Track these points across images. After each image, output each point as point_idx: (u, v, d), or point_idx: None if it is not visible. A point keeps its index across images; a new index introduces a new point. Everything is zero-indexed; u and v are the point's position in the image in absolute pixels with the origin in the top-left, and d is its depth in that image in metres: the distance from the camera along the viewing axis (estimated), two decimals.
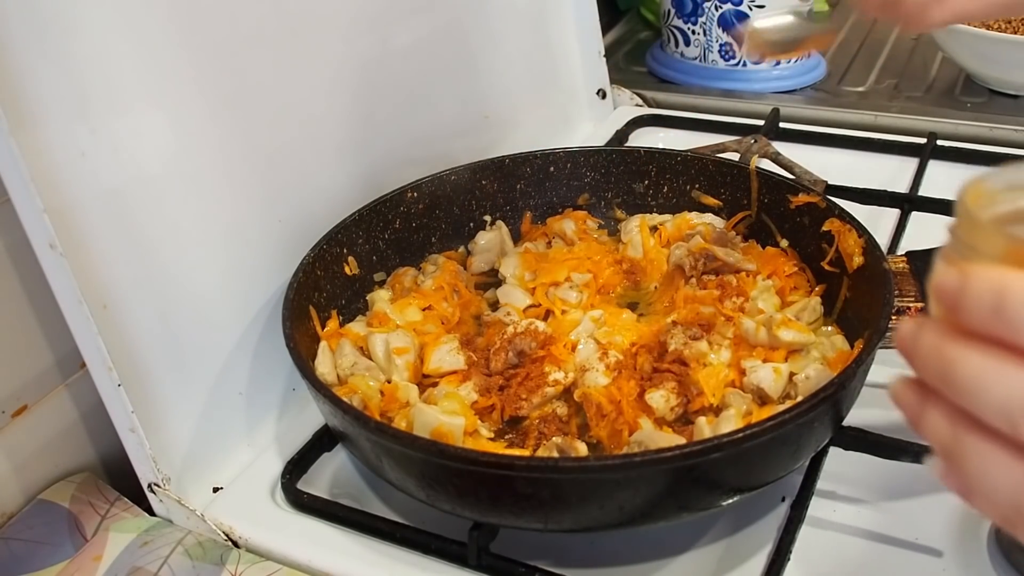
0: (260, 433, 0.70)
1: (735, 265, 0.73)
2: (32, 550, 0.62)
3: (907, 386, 0.34)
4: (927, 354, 0.32)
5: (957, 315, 0.31)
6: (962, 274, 0.31)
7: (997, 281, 0.30)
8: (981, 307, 0.30)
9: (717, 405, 0.62)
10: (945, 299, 0.32)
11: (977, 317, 0.31)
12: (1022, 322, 0.29)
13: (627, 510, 0.53)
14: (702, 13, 1.18)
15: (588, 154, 0.85)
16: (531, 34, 1.03)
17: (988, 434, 0.31)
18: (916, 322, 0.33)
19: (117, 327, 0.58)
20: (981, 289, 0.30)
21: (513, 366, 0.67)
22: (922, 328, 0.33)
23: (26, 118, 0.53)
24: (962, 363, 0.31)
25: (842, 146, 1.03)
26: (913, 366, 0.33)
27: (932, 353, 0.32)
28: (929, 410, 0.33)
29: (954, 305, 0.31)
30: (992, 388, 0.30)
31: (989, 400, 0.30)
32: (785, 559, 0.56)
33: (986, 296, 0.30)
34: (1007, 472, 0.31)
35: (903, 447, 0.59)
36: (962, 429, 0.32)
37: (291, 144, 0.72)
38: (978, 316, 0.31)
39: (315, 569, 0.60)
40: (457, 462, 0.53)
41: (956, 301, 0.31)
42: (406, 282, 0.77)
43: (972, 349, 0.31)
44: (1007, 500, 0.31)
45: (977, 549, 0.58)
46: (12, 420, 0.66)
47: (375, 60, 0.80)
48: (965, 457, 0.32)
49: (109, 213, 0.58)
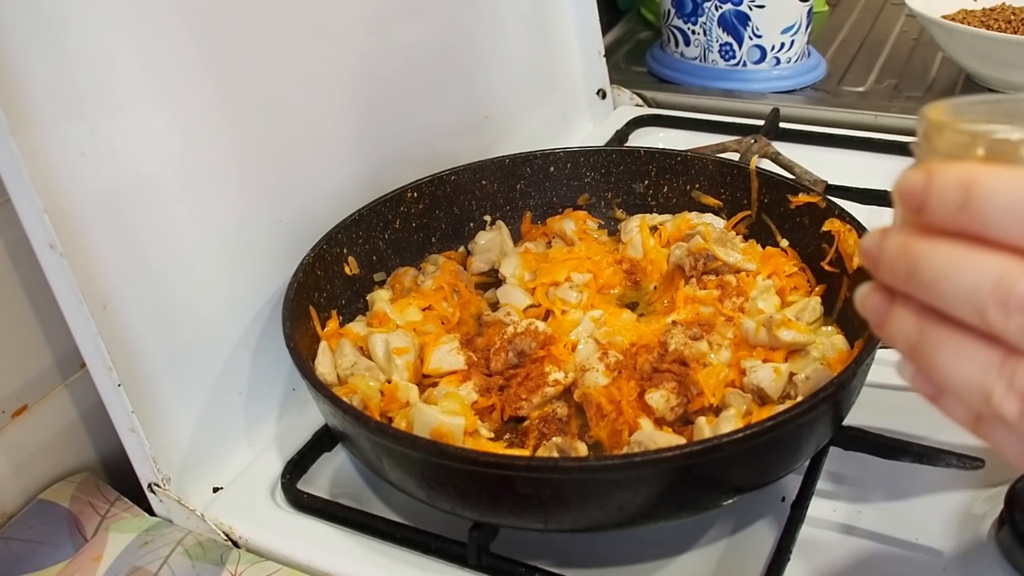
0: (260, 433, 0.70)
1: (735, 265, 0.73)
2: (32, 550, 0.62)
3: (872, 291, 0.34)
4: (893, 255, 0.32)
5: (923, 214, 0.31)
6: (927, 173, 0.31)
7: (963, 175, 0.30)
8: (947, 202, 0.30)
9: (717, 405, 0.62)
10: (910, 200, 0.32)
11: (943, 212, 0.31)
12: (989, 212, 0.29)
13: (627, 510, 0.53)
14: (702, 13, 1.18)
15: (588, 154, 0.85)
16: (531, 34, 1.03)
17: (955, 326, 0.31)
18: (880, 229, 0.34)
19: (117, 327, 0.58)
20: (947, 184, 0.30)
21: (513, 366, 0.67)
22: (887, 233, 0.33)
23: (26, 118, 0.53)
24: (929, 257, 0.31)
25: (842, 146, 1.03)
26: (878, 271, 0.33)
27: (898, 252, 0.32)
28: (895, 311, 0.33)
29: (920, 204, 0.31)
30: (959, 277, 0.30)
31: (956, 290, 0.30)
32: (785, 559, 0.56)
33: (952, 190, 0.30)
34: (974, 361, 0.31)
35: (903, 447, 0.59)
36: (929, 325, 0.32)
37: (291, 144, 0.72)
38: (944, 211, 0.31)
39: (315, 569, 0.60)
40: (457, 462, 0.53)
41: (922, 200, 0.31)
42: (406, 282, 0.77)
43: (939, 243, 0.31)
44: (975, 391, 0.31)
45: (977, 549, 0.58)
46: (12, 420, 0.66)
47: (375, 60, 0.80)
48: (932, 352, 0.32)
49: (109, 213, 0.58)
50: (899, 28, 1.36)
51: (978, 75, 1.16)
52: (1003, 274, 0.29)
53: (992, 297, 0.29)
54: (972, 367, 0.31)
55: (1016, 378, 0.30)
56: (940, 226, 0.31)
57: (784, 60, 1.19)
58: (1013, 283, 0.29)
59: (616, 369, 0.65)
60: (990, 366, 0.30)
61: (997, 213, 0.29)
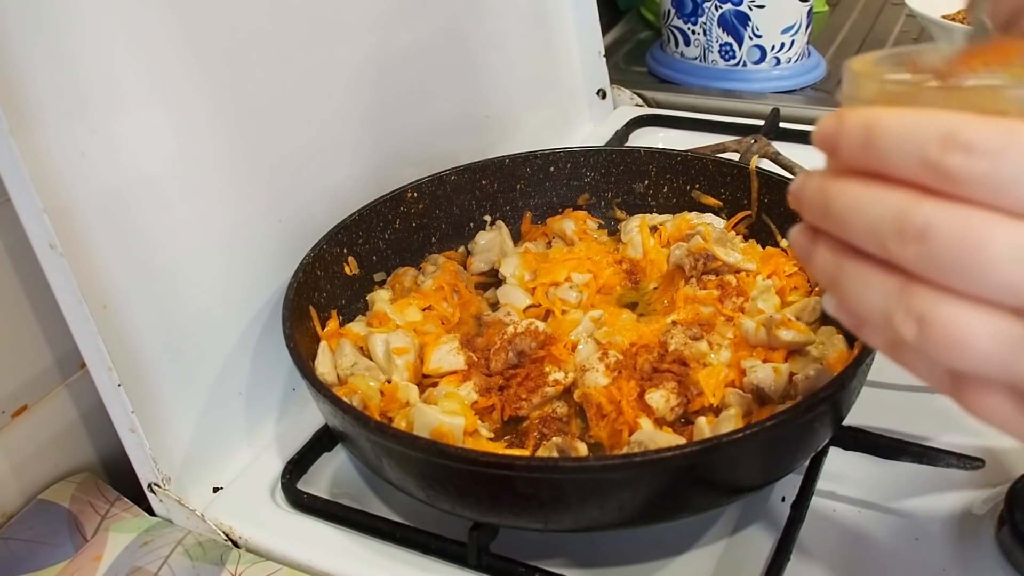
0: (260, 433, 0.70)
1: (735, 265, 0.73)
2: (32, 550, 0.62)
3: (800, 232, 0.37)
4: (811, 196, 0.35)
5: (835, 157, 0.34)
6: (837, 116, 0.34)
7: (866, 117, 0.33)
8: (853, 143, 0.33)
9: (717, 405, 0.62)
10: (824, 143, 0.34)
11: (850, 153, 0.33)
12: (887, 150, 0.32)
13: (627, 510, 0.53)
14: (702, 13, 1.18)
15: (588, 154, 0.85)
16: (531, 34, 1.03)
17: (864, 259, 0.34)
18: (805, 172, 0.36)
19: (117, 327, 0.58)
20: (853, 126, 0.33)
21: (513, 366, 0.67)
22: (808, 176, 0.36)
23: (26, 118, 0.53)
24: (839, 195, 0.34)
25: None
26: (801, 211, 0.36)
27: (815, 192, 0.35)
28: (816, 248, 0.36)
29: (832, 147, 0.34)
30: (863, 211, 0.33)
31: (861, 223, 0.33)
32: (785, 559, 0.56)
33: (856, 131, 0.33)
34: (878, 289, 0.33)
35: (903, 447, 0.59)
36: (843, 259, 0.35)
37: (291, 144, 0.72)
38: (851, 152, 0.33)
39: (315, 569, 0.60)
40: (457, 462, 0.53)
41: (833, 142, 0.34)
42: (406, 282, 0.77)
43: (848, 182, 0.34)
44: (881, 315, 0.33)
45: (977, 549, 0.58)
46: (12, 420, 0.66)
47: (375, 61, 0.80)
48: (845, 283, 0.35)
49: (109, 213, 0.58)
50: (899, 28, 1.36)
51: None
52: (899, 206, 0.31)
53: (891, 227, 0.32)
54: (877, 295, 0.33)
55: (912, 303, 0.32)
56: (849, 166, 0.34)
57: (784, 60, 1.19)
58: (907, 213, 0.31)
59: (616, 369, 0.65)
60: (891, 293, 0.33)
61: (893, 150, 0.32)
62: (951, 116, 0.31)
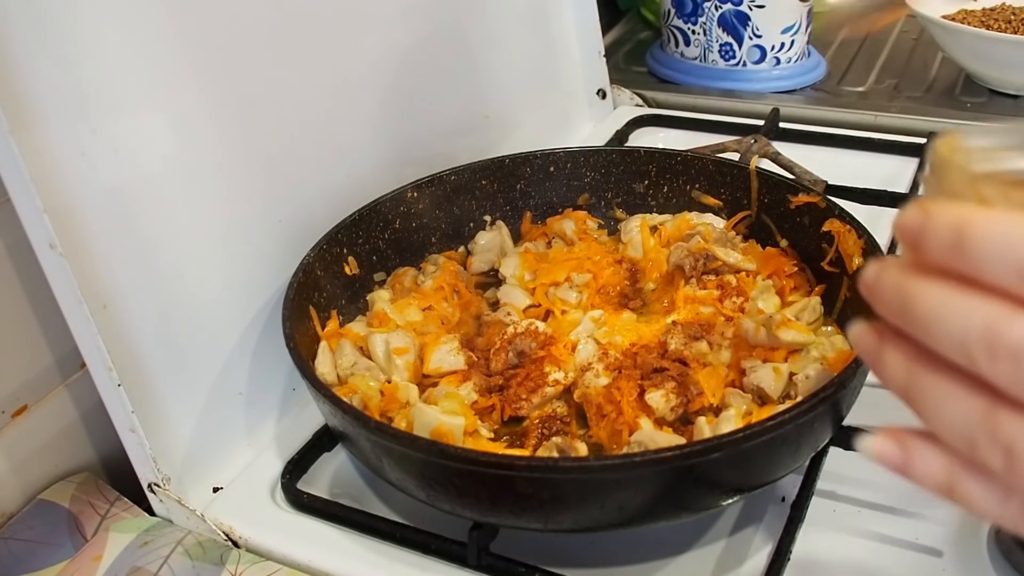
0: (260, 433, 0.70)
1: (735, 265, 0.73)
2: (32, 550, 0.62)
3: (867, 330, 0.35)
4: (889, 291, 0.33)
5: (919, 252, 0.32)
6: (924, 211, 0.31)
7: (958, 216, 0.30)
8: (941, 242, 0.30)
9: (717, 405, 0.62)
10: (907, 237, 0.32)
11: (937, 252, 0.31)
12: (980, 255, 0.29)
13: (627, 510, 0.53)
14: (702, 13, 1.18)
15: (588, 154, 0.85)
16: (531, 34, 1.03)
17: (944, 370, 0.31)
18: (880, 262, 0.34)
19: (117, 327, 0.58)
20: (942, 224, 0.31)
21: (513, 366, 0.67)
22: (885, 267, 0.33)
23: (26, 118, 0.53)
24: (921, 296, 0.31)
25: (842, 146, 1.03)
26: (875, 304, 0.34)
27: (893, 289, 0.32)
28: (887, 352, 0.34)
29: (916, 242, 0.31)
30: (949, 320, 0.30)
31: (946, 332, 0.30)
32: (785, 559, 0.56)
33: (946, 231, 0.30)
34: (961, 406, 0.31)
35: None
36: (918, 367, 0.32)
37: (291, 144, 0.72)
38: (938, 251, 0.31)
39: (315, 569, 0.60)
40: (457, 462, 0.53)
41: (918, 238, 0.31)
42: (406, 282, 0.77)
43: (932, 283, 0.31)
44: (961, 434, 0.31)
45: (977, 549, 0.58)
46: (12, 420, 0.66)
47: (376, 61, 0.80)
48: (921, 395, 0.32)
49: (109, 213, 0.58)
50: (899, 28, 1.36)
51: (978, 75, 1.16)
52: (991, 319, 0.29)
53: (980, 340, 0.29)
54: (959, 412, 0.31)
55: (1000, 429, 0.30)
56: (934, 266, 0.31)
57: (784, 60, 1.19)
58: (1000, 329, 0.29)
59: (616, 369, 0.65)
60: (975, 414, 0.30)
61: (988, 257, 0.29)
62: None
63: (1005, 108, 1.11)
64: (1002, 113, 1.09)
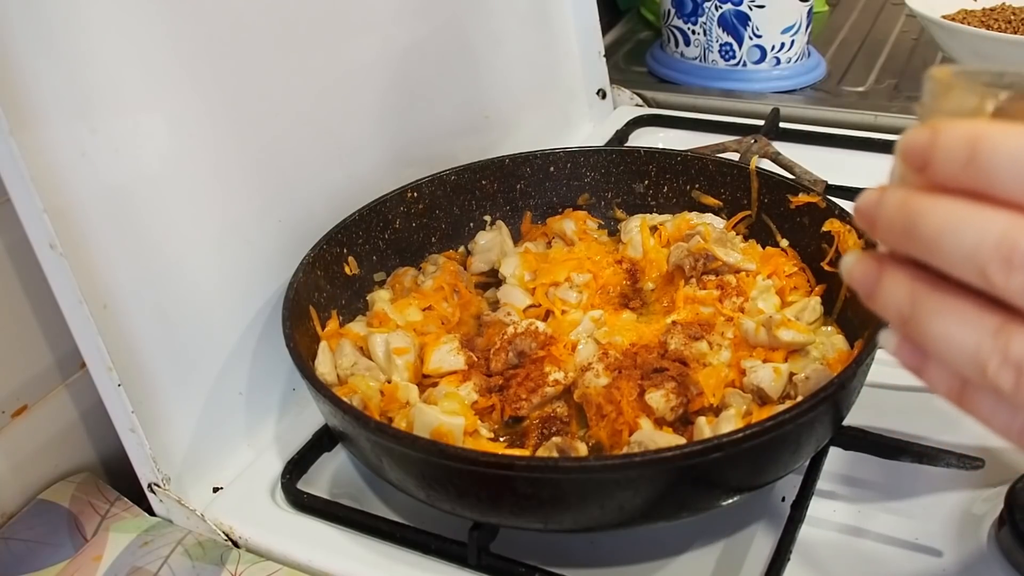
0: (260, 433, 0.70)
1: (735, 265, 0.73)
2: (32, 550, 0.62)
3: (862, 258, 0.33)
4: (892, 212, 0.31)
5: (926, 171, 0.30)
6: (932, 130, 0.30)
7: (970, 131, 0.29)
8: (953, 159, 0.29)
9: (717, 405, 0.62)
10: (914, 157, 0.31)
11: (948, 170, 0.29)
12: (996, 168, 0.28)
13: (627, 510, 0.53)
14: (702, 13, 1.18)
15: (588, 154, 0.85)
16: (531, 34, 1.03)
17: (951, 291, 0.30)
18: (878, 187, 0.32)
19: (117, 327, 0.58)
20: (953, 140, 0.29)
21: (513, 366, 0.67)
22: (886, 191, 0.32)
23: (27, 118, 0.53)
24: (930, 213, 0.30)
25: (842, 146, 1.03)
26: (875, 229, 0.32)
27: (897, 209, 0.31)
28: (886, 278, 0.32)
29: (924, 161, 0.30)
30: (961, 233, 0.29)
31: (957, 246, 0.29)
32: (785, 559, 0.56)
33: (958, 146, 0.29)
34: (970, 328, 0.29)
35: (903, 447, 0.59)
36: (922, 290, 0.31)
37: (291, 144, 0.72)
38: (949, 168, 0.29)
39: (315, 569, 0.60)
40: (457, 462, 0.53)
41: (926, 156, 0.30)
42: (406, 282, 0.77)
43: (942, 200, 0.30)
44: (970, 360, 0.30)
45: (977, 549, 0.58)
46: (12, 420, 0.66)
47: (376, 61, 0.80)
48: (926, 319, 0.31)
49: (109, 213, 0.58)
50: (899, 28, 1.36)
51: None
52: (1007, 231, 0.28)
53: (995, 254, 0.28)
54: (966, 335, 0.29)
55: (1012, 346, 0.28)
56: (943, 183, 0.30)
57: (784, 60, 1.19)
58: (1017, 240, 0.28)
59: (616, 369, 0.65)
60: (986, 333, 0.29)
61: (1003, 170, 0.28)
62: None
63: None
64: None
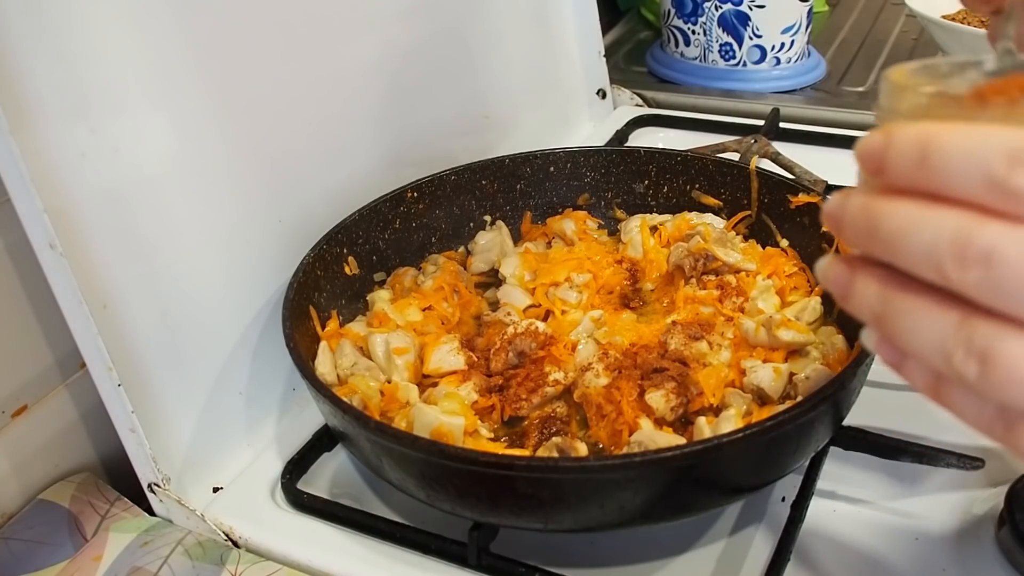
0: (260, 433, 0.70)
1: (735, 265, 0.73)
2: (32, 550, 0.62)
3: (835, 261, 0.34)
4: (854, 216, 0.32)
5: (883, 175, 0.31)
6: (886, 133, 0.31)
7: (921, 132, 0.30)
8: (906, 161, 0.30)
9: (717, 405, 0.62)
10: (870, 161, 0.32)
11: (903, 171, 0.30)
12: (946, 168, 0.29)
13: (627, 510, 0.53)
14: (702, 13, 1.18)
15: (588, 154, 0.85)
16: (531, 34, 1.03)
17: (916, 289, 0.31)
18: (843, 192, 0.33)
19: (117, 327, 0.59)
20: (905, 143, 0.30)
21: (513, 366, 0.67)
22: (848, 195, 0.33)
23: (26, 118, 0.53)
24: (889, 215, 0.31)
25: (842, 146, 1.03)
26: (841, 232, 0.33)
27: (859, 212, 0.32)
28: (858, 280, 0.33)
29: (879, 165, 0.31)
30: (918, 233, 0.30)
31: (915, 246, 0.30)
32: (785, 559, 0.56)
33: (910, 149, 0.30)
34: (935, 324, 0.30)
35: (903, 447, 0.59)
36: (891, 290, 0.32)
37: (291, 144, 0.72)
38: (903, 170, 0.30)
39: (315, 569, 0.60)
40: (457, 462, 0.53)
41: (881, 160, 0.31)
42: (406, 282, 0.77)
43: (899, 202, 0.31)
44: (936, 350, 0.30)
45: (977, 549, 0.58)
46: (12, 420, 0.66)
47: (375, 61, 0.80)
48: (895, 318, 0.32)
49: (109, 213, 0.58)
50: (899, 28, 1.36)
51: None
52: (960, 227, 0.29)
53: (949, 250, 0.29)
54: (933, 330, 0.30)
55: (974, 339, 0.29)
56: (900, 186, 0.31)
57: (784, 60, 1.19)
58: (970, 235, 0.28)
59: (616, 369, 0.65)
60: (949, 326, 0.30)
61: (953, 168, 0.29)
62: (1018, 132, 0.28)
63: None
64: None
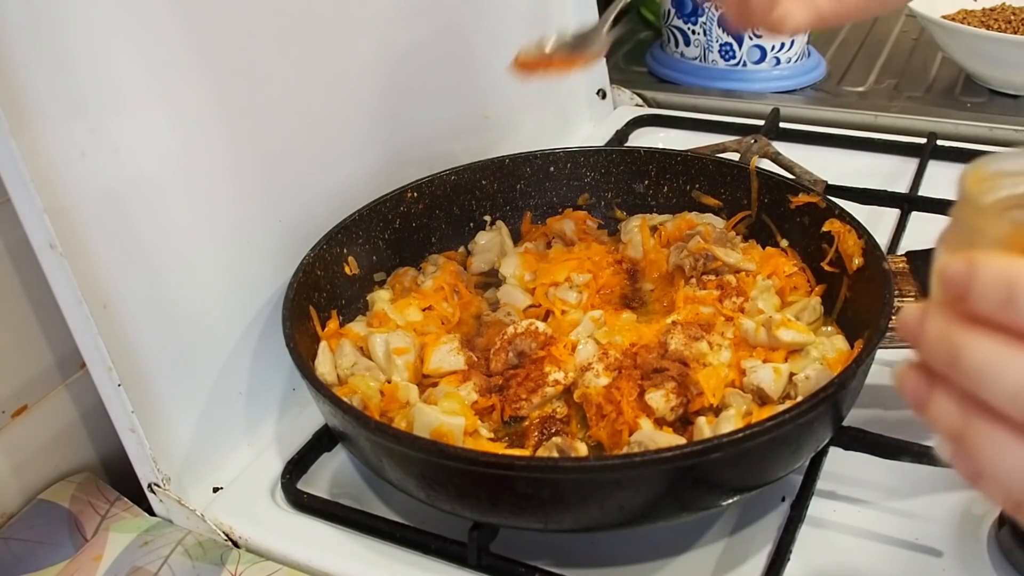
0: (260, 433, 0.70)
1: (735, 265, 0.73)
2: (32, 550, 0.62)
3: (912, 371, 0.34)
4: (935, 340, 0.32)
5: (965, 303, 0.31)
6: (970, 263, 0.31)
7: (1008, 271, 0.30)
8: (992, 297, 0.30)
9: (717, 405, 0.62)
10: (952, 287, 0.32)
11: (987, 306, 0.30)
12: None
13: (627, 510, 0.53)
14: (702, 13, 1.18)
15: (588, 154, 0.85)
16: (531, 34, 1.03)
17: (999, 419, 0.31)
18: (920, 307, 0.33)
19: (117, 327, 0.58)
20: (991, 278, 0.30)
21: (513, 366, 0.67)
22: (927, 313, 0.33)
23: (26, 118, 0.53)
24: (971, 349, 0.31)
25: (842, 146, 1.03)
26: (920, 351, 0.33)
27: (940, 339, 0.32)
28: (936, 395, 0.33)
29: (962, 294, 0.31)
30: (1003, 375, 0.30)
31: (1000, 387, 0.30)
32: (785, 559, 0.56)
33: (997, 286, 0.30)
34: (1019, 458, 0.30)
35: (903, 447, 0.59)
36: (972, 414, 0.32)
37: (291, 144, 0.72)
38: (988, 306, 0.30)
39: (315, 569, 0.60)
40: (457, 462, 0.53)
41: (965, 290, 0.31)
42: (406, 282, 0.77)
43: (981, 335, 0.31)
44: (1020, 485, 0.31)
45: (977, 549, 0.58)
46: (12, 420, 0.66)
47: (375, 61, 0.80)
48: (976, 442, 0.32)
49: (109, 213, 0.58)
50: (899, 28, 1.36)
51: (978, 75, 1.16)
52: None
53: None
54: (1017, 464, 0.31)
55: None
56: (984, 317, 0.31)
57: (784, 60, 1.19)
58: None
59: (616, 369, 0.65)
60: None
61: None
62: None
63: (1005, 108, 1.11)
64: (1002, 113, 1.09)
